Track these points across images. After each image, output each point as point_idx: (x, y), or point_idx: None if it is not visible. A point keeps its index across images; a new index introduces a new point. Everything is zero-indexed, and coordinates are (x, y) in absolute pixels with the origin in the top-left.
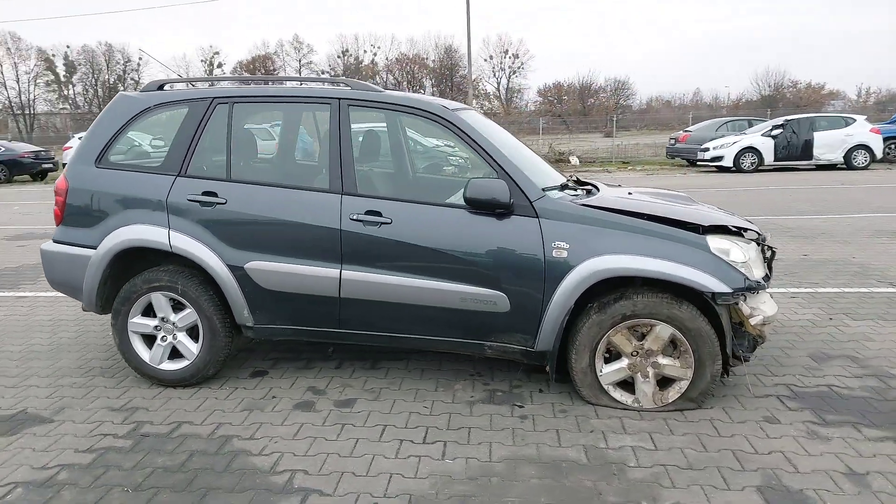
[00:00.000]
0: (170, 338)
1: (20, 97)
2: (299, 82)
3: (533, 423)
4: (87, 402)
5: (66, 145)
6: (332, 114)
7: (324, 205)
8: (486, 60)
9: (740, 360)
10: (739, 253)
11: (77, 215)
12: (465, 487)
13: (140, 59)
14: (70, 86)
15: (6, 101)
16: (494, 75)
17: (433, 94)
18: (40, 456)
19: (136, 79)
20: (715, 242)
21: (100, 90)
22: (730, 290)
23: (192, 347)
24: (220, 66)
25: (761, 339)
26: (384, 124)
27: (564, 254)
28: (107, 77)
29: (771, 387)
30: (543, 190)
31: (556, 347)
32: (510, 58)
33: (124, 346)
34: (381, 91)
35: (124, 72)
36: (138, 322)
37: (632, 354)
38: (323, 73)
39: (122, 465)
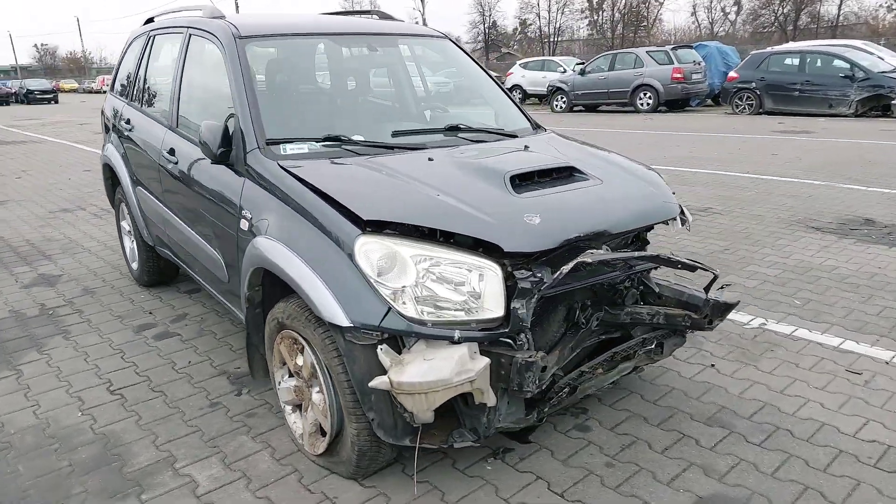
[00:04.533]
0: (133, 243)
1: (548, 26)
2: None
3: (207, 413)
4: (89, 278)
5: (509, 71)
6: (181, 44)
7: (159, 139)
8: None
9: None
10: (402, 274)
11: (104, 132)
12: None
13: None
14: (600, 12)
15: (538, 31)
16: None
17: None
18: None
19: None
20: (368, 246)
21: (616, 14)
22: (348, 324)
23: (137, 254)
24: None
25: (409, 417)
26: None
27: (246, 225)
28: (628, 1)
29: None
30: (271, 142)
31: (248, 338)
32: None
33: (120, 243)
34: (217, 18)
35: None
36: (123, 225)
37: (297, 374)
38: None
39: None
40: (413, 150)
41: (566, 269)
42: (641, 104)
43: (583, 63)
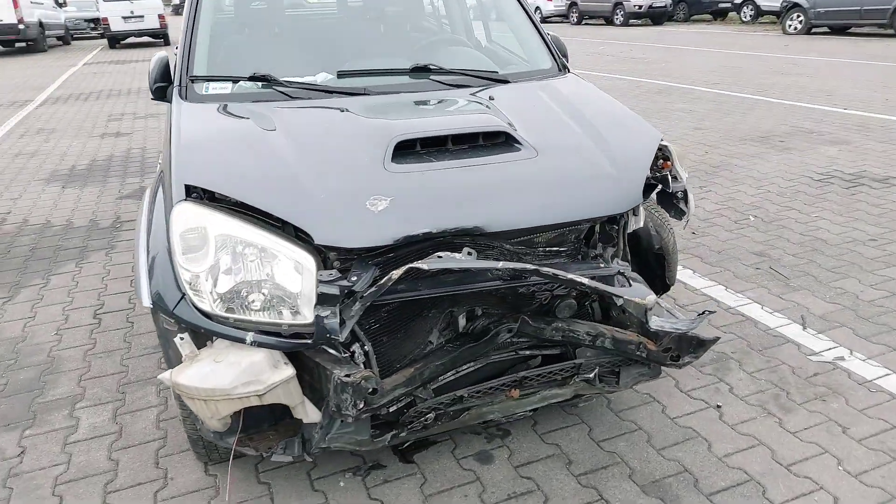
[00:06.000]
0: None
1: None
2: None
3: (146, 354)
4: None
5: None
6: None
7: None
8: None
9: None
10: (207, 256)
11: None
12: None
13: None
14: None
15: None
16: None
17: None
18: None
19: None
20: (181, 216)
21: None
22: (148, 305)
23: None
24: None
25: (199, 422)
26: None
27: (158, 172)
28: None
29: None
30: (196, 79)
31: None
32: None
33: None
34: None
35: None
36: None
37: None
38: None
39: None
40: (350, 96)
41: (396, 274)
42: None
43: None
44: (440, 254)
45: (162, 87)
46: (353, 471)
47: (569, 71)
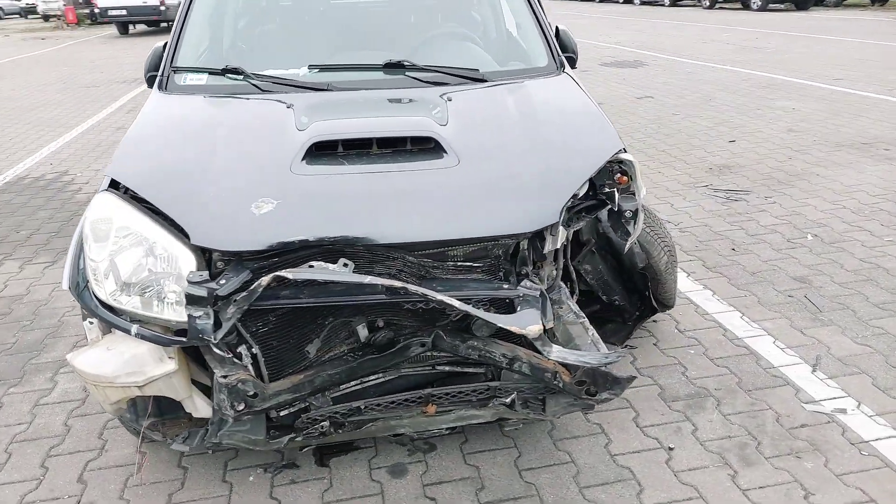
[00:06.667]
0: None
1: None
2: None
3: None
4: None
5: None
6: None
7: None
8: None
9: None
10: (107, 246)
11: None
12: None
13: None
14: None
15: None
16: None
17: None
18: None
19: None
20: (97, 207)
21: None
22: (66, 288)
23: None
24: None
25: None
26: None
27: None
28: None
29: None
30: (177, 69)
31: None
32: None
33: None
34: None
35: None
36: None
37: None
38: None
39: None
40: (312, 91)
41: (264, 281)
42: None
43: None
44: (312, 263)
45: (155, 76)
46: (265, 467)
47: (564, 70)
